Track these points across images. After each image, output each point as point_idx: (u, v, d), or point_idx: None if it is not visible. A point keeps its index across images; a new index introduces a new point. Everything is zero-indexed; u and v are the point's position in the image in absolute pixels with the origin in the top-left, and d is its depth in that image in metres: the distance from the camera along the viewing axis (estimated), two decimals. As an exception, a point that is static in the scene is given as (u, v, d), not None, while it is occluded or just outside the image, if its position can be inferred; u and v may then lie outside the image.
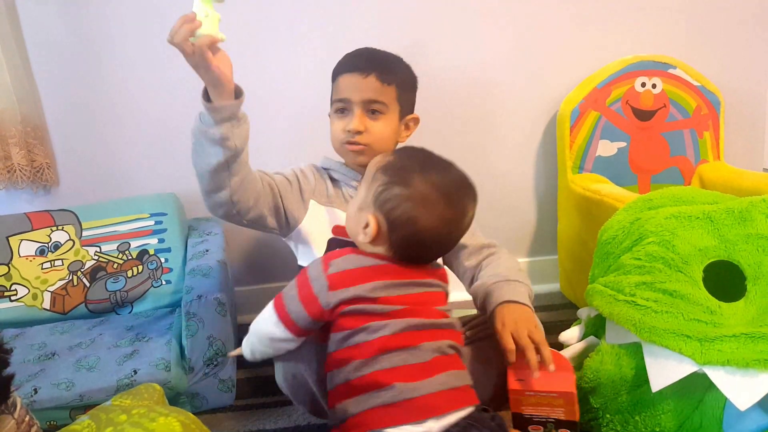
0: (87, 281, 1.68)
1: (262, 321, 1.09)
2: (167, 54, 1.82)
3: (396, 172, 1.04)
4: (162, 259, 1.72)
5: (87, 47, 1.80)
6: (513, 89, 2.00)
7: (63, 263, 1.69)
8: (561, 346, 1.41)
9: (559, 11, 1.95)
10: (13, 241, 1.68)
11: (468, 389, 1.01)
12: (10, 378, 0.95)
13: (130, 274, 1.69)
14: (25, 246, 1.68)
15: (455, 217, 1.04)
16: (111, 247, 1.72)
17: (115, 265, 1.70)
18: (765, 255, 1.14)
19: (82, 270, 1.69)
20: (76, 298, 1.67)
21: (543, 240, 2.16)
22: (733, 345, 1.03)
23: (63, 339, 1.54)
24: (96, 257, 1.70)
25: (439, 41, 1.92)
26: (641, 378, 1.15)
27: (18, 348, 1.50)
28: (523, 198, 2.13)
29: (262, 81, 1.84)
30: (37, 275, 1.66)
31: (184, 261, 1.71)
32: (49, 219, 1.71)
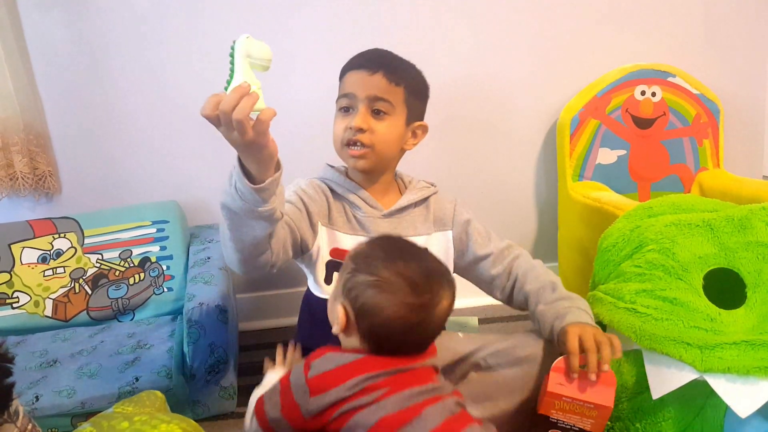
0: (89, 289, 1.68)
1: (247, 420, 1.05)
2: (168, 63, 1.85)
3: (363, 259, 0.99)
4: (164, 267, 1.72)
5: (90, 56, 1.81)
6: (513, 97, 2.01)
7: (65, 271, 1.69)
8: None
9: (559, 20, 1.96)
10: (15, 249, 1.68)
11: None
12: (11, 386, 0.94)
13: (131, 281, 1.70)
14: (27, 253, 1.68)
15: (424, 305, 0.95)
16: (113, 255, 1.72)
17: (117, 273, 1.70)
18: (765, 263, 1.14)
19: (83, 277, 1.69)
20: (77, 305, 1.67)
21: (543, 247, 2.16)
22: (734, 352, 1.03)
23: (64, 346, 1.54)
24: (98, 265, 1.71)
25: (440, 50, 1.93)
26: (642, 385, 1.15)
27: (19, 355, 1.50)
28: (524, 206, 2.14)
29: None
30: (39, 283, 1.67)
31: (185, 268, 1.71)
32: (51, 227, 1.72)
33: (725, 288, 1.18)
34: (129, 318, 1.68)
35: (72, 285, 1.68)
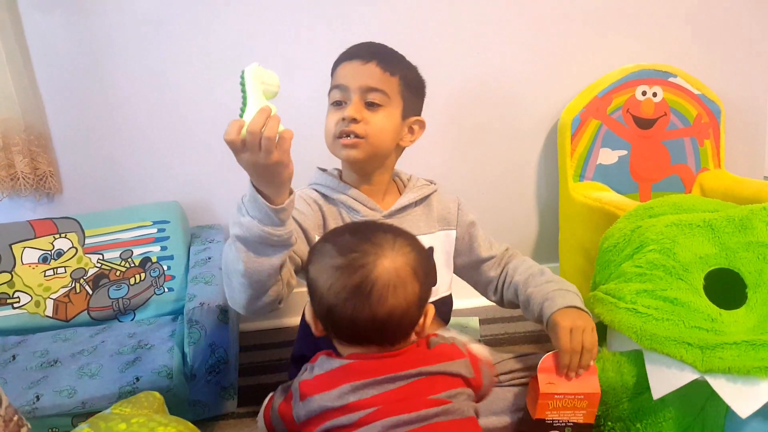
0: (89, 289, 1.68)
1: (258, 417, 1.05)
2: (169, 63, 1.85)
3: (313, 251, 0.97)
4: (164, 267, 1.72)
5: (91, 56, 1.81)
6: (514, 98, 2.01)
7: (66, 271, 1.69)
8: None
9: (560, 21, 1.96)
10: (16, 249, 1.68)
11: None
12: None
13: (132, 281, 1.70)
14: (28, 253, 1.69)
15: (351, 264, 0.88)
16: (114, 255, 1.72)
17: (118, 273, 1.70)
18: (765, 263, 1.14)
19: (84, 277, 1.69)
20: (78, 305, 1.67)
21: (544, 248, 2.16)
22: (734, 352, 1.03)
23: (65, 346, 1.54)
24: (99, 265, 1.71)
25: (440, 50, 1.93)
26: (642, 385, 1.15)
27: (20, 355, 1.50)
28: (525, 206, 2.14)
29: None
30: (40, 283, 1.67)
31: (186, 269, 1.71)
32: (52, 227, 1.72)
33: (726, 288, 1.18)
34: (130, 318, 1.68)
35: (73, 285, 1.68)
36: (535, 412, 1.11)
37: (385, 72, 1.21)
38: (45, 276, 1.67)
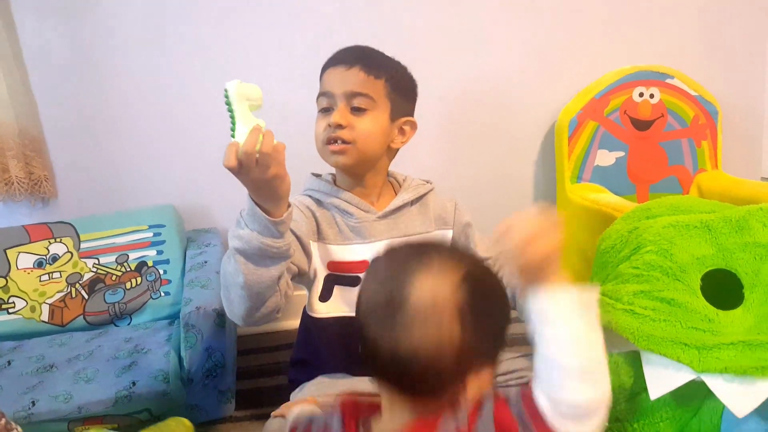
0: (85, 293, 1.68)
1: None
2: (164, 67, 1.85)
3: None
4: (160, 271, 1.71)
5: (84, 60, 1.81)
6: (512, 99, 2.01)
7: (61, 275, 1.68)
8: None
9: (557, 23, 1.97)
10: (11, 254, 1.68)
11: None
12: None
13: (128, 286, 1.69)
14: (23, 258, 1.68)
15: (393, 274, 0.74)
16: (109, 259, 1.72)
17: (114, 277, 1.70)
18: (762, 263, 1.14)
19: (80, 282, 1.68)
20: (74, 310, 1.66)
21: (542, 250, 2.16)
22: (731, 353, 1.03)
23: (61, 351, 1.54)
24: (94, 269, 1.70)
25: (438, 51, 1.93)
26: (640, 386, 1.15)
27: (16, 360, 1.49)
28: (522, 207, 2.12)
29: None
30: (35, 288, 1.66)
31: (182, 272, 1.71)
32: (47, 231, 1.71)
33: (723, 289, 1.17)
34: (126, 322, 1.68)
35: (68, 290, 1.67)
36: None
37: (369, 75, 1.20)
38: (40, 281, 1.67)
